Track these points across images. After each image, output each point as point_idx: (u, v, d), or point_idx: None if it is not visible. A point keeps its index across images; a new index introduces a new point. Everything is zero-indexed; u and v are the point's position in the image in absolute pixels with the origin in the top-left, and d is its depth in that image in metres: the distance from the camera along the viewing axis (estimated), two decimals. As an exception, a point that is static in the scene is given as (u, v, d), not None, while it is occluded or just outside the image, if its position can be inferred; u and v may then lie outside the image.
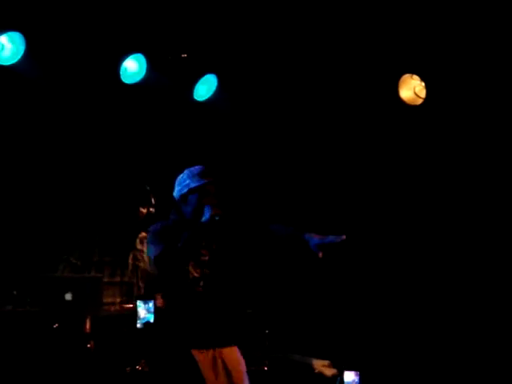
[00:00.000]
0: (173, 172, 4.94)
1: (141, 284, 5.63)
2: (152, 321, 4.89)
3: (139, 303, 4.92)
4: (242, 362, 5.08)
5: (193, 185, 4.89)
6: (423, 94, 6.95)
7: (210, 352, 4.91)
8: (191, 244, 4.76)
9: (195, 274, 4.86)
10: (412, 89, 7.00)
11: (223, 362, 4.95)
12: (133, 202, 5.58)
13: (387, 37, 6.89)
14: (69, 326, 4.88)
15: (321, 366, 6.27)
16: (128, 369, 4.93)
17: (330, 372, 6.26)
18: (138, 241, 5.66)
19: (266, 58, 6.98)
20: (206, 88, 6.98)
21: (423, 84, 6.94)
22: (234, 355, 5.03)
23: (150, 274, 5.58)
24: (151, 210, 5.59)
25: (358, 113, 7.23)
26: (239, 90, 7.15)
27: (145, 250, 5.61)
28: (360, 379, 5.65)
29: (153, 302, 4.90)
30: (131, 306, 5.23)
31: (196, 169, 4.97)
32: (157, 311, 4.95)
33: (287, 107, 7.27)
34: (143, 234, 5.63)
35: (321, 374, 6.26)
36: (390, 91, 6.97)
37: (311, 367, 6.25)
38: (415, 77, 6.96)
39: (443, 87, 6.93)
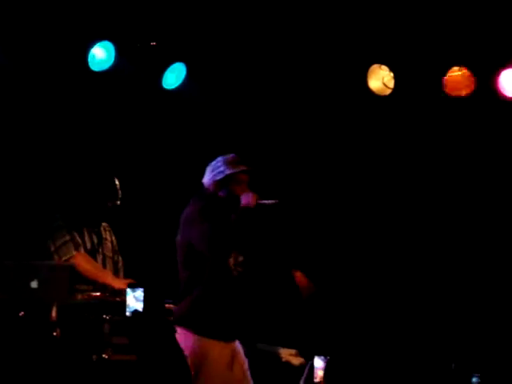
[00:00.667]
0: (142, 161, 4.92)
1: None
2: (141, 309, 4.88)
3: (128, 291, 4.91)
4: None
5: (228, 171, 4.97)
6: (392, 84, 6.98)
7: (231, 345, 5.07)
8: (241, 226, 4.84)
9: (233, 260, 5.03)
10: (381, 79, 7.03)
11: (237, 355, 5.10)
12: (100, 194, 5.53)
13: (356, 27, 6.90)
14: (35, 314, 4.84)
15: (288, 355, 6.29)
16: (94, 357, 4.90)
17: (297, 361, 6.27)
18: (102, 229, 5.63)
19: (235, 47, 6.97)
20: (174, 76, 6.96)
21: (392, 74, 6.96)
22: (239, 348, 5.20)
23: (115, 262, 5.59)
24: (117, 202, 5.55)
25: (326, 102, 7.23)
26: (208, 78, 7.13)
27: (108, 238, 5.62)
28: (327, 365, 5.65)
29: (142, 289, 4.88)
30: (98, 294, 5.20)
31: (232, 156, 5.05)
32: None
33: (257, 96, 7.26)
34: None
35: (288, 363, 6.27)
36: (359, 81, 6.99)
37: (278, 356, 6.27)
38: (384, 67, 6.98)
39: (412, 77, 6.97)
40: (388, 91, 7.01)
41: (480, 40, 6.84)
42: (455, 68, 6.91)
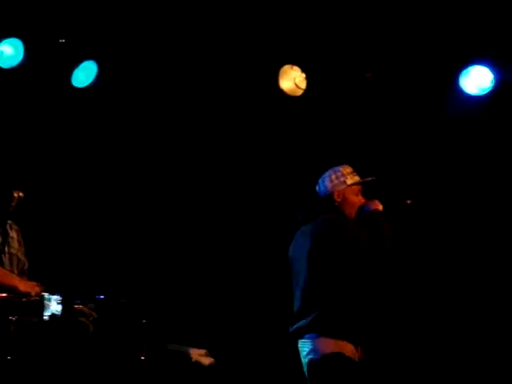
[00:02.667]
0: (50, 158, 4.87)
1: (15, 271, 5.52)
2: (59, 313, 4.86)
3: (46, 295, 4.89)
4: None
5: (350, 181, 5.16)
6: (303, 85, 7.02)
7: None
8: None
9: None
10: (292, 80, 7.06)
11: None
12: (6, 185, 5.45)
13: (268, 28, 6.92)
14: None
15: (198, 355, 6.27)
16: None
17: (207, 361, 6.27)
18: (7, 226, 5.54)
19: (147, 45, 6.92)
20: (85, 74, 6.88)
21: (304, 75, 7.00)
22: None
23: (22, 262, 5.52)
24: (21, 194, 5.47)
25: (237, 103, 7.23)
26: (120, 76, 7.06)
27: (15, 236, 5.55)
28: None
29: (56, 294, 4.88)
30: (4, 295, 5.14)
31: (347, 167, 5.23)
32: None
33: (168, 94, 7.23)
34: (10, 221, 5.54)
35: (198, 363, 6.27)
36: (271, 82, 7.00)
37: (188, 356, 6.25)
38: (296, 68, 7.01)
39: (323, 78, 7.02)
40: (300, 92, 7.04)
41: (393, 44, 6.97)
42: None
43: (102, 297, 5.55)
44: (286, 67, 7.02)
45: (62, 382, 4.93)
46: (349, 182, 5.21)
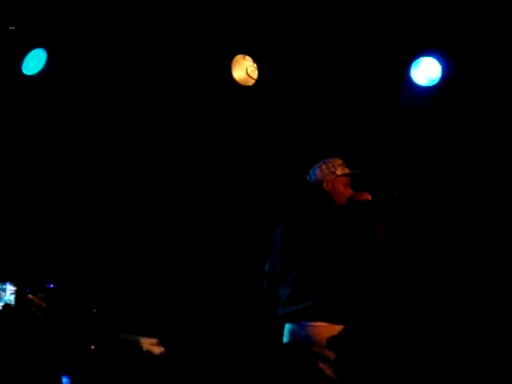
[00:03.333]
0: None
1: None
2: (12, 303, 4.81)
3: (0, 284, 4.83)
4: None
5: (340, 172, 5.34)
6: (255, 74, 7.03)
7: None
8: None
9: None
10: (244, 69, 7.07)
11: None
12: None
13: (220, 18, 6.92)
14: None
15: (149, 344, 6.26)
16: None
17: (158, 350, 6.25)
18: None
19: (98, 33, 6.87)
20: (34, 62, 6.82)
21: (255, 65, 7.01)
22: None
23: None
24: None
25: (190, 92, 7.22)
26: (70, 64, 7.00)
27: None
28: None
29: (9, 283, 4.83)
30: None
31: (338, 159, 5.41)
32: None
33: (120, 84, 7.19)
34: None
35: (149, 352, 6.25)
36: (223, 72, 7.01)
37: (139, 345, 6.24)
38: (248, 58, 7.02)
39: (275, 68, 7.04)
40: (251, 82, 7.06)
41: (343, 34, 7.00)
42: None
43: (51, 286, 5.52)
44: (239, 57, 7.03)
45: (13, 371, 4.89)
46: (338, 172, 5.39)
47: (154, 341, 6.28)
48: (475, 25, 6.84)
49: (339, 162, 5.46)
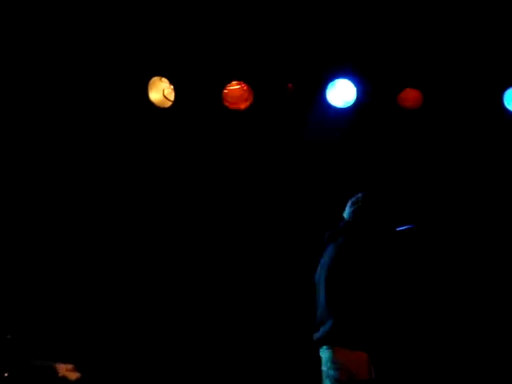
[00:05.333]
0: None
1: None
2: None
3: None
4: None
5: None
6: (172, 96, 7.03)
7: None
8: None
9: None
10: (161, 91, 7.06)
11: None
12: None
13: (137, 39, 6.92)
14: None
15: (64, 369, 6.17)
16: None
17: (73, 376, 6.17)
18: None
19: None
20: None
21: (172, 87, 7.02)
22: None
23: None
24: None
25: (107, 114, 7.17)
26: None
27: None
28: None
29: None
30: None
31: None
32: None
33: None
34: None
35: (65, 378, 6.16)
36: (140, 93, 6.99)
37: (55, 371, 6.14)
38: (164, 79, 7.01)
39: (192, 90, 7.06)
40: (168, 104, 7.05)
41: (259, 56, 7.06)
42: (234, 82, 7.07)
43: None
44: (155, 79, 7.02)
45: None
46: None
47: (70, 366, 6.19)
48: (390, 46, 7.00)
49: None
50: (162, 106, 7.06)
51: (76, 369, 6.18)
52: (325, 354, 5.31)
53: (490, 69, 7.05)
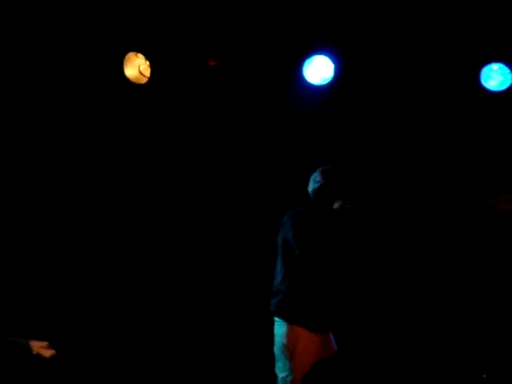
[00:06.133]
0: None
1: None
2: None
3: None
4: None
5: (323, 181, 5.65)
6: (148, 72, 6.98)
7: (322, 336, 5.65)
8: (328, 229, 5.54)
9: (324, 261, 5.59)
10: (137, 67, 7.01)
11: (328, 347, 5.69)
12: None
13: (111, 16, 6.86)
14: None
15: (39, 347, 6.14)
16: None
17: (48, 353, 6.14)
18: None
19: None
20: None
21: (148, 63, 6.96)
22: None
23: None
24: None
25: (83, 91, 7.11)
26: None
27: None
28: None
29: None
30: None
31: (327, 167, 5.72)
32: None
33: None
34: None
35: (39, 356, 6.13)
36: (115, 69, 6.93)
37: (29, 349, 6.11)
38: (140, 55, 6.96)
39: (168, 66, 7.01)
40: (144, 80, 7.00)
41: (236, 32, 7.02)
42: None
43: None
44: (131, 55, 6.96)
45: None
46: (323, 181, 5.72)
47: (44, 344, 6.16)
48: (367, 23, 6.97)
49: (328, 169, 5.79)
50: (137, 82, 7.01)
51: (51, 346, 6.16)
52: (276, 325, 5.66)
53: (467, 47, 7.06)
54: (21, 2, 6.74)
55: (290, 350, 5.57)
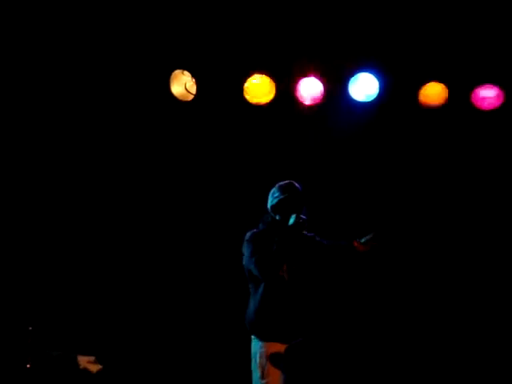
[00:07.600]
0: None
1: None
2: None
3: None
4: None
5: (282, 197, 5.57)
6: (194, 90, 7.03)
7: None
8: (284, 246, 5.43)
9: (284, 274, 5.55)
10: (183, 85, 7.06)
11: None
12: None
13: (158, 33, 6.93)
14: None
15: (86, 362, 6.21)
16: None
17: (95, 368, 6.21)
18: None
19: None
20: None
21: (194, 80, 7.02)
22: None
23: None
24: None
25: (130, 107, 7.18)
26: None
27: None
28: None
29: None
30: None
31: (285, 183, 5.65)
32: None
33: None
34: None
35: (86, 370, 6.20)
36: (162, 87, 6.99)
37: (76, 363, 6.17)
38: (186, 73, 7.02)
39: (213, 83, 7.06)
40: (190, 97, 7.05)
41: (280, 47, 7.05)
42: (256, 75, 7.07)
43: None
44: (177, 72, 7.02)
45: None
46: (281, 197, 5.63)
47: (92, 358, 6.23)
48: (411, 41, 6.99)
49: (284, 185, 5.69)
50: (183, 99, 7.07)
51: (97, 361, 6.22)
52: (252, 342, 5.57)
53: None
54: (71, 18, 6.85)
55: (262, 366, 5.49)
